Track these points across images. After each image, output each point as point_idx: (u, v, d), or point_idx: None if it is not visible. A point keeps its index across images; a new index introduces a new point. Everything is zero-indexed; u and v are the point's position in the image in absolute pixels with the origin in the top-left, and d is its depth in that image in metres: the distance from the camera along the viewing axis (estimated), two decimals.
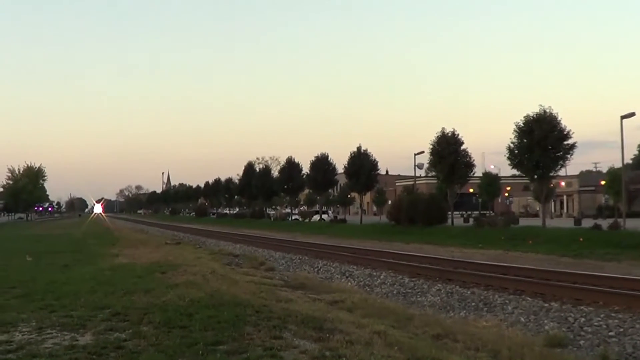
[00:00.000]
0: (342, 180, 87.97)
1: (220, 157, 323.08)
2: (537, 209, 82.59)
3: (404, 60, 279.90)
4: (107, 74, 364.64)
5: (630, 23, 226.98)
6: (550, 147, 41.71)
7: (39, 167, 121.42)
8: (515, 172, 50.41)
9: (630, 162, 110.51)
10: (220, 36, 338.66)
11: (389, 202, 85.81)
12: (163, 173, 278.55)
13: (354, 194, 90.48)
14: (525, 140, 42.63)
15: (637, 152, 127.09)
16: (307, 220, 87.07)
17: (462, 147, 53.90)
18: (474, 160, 55.20)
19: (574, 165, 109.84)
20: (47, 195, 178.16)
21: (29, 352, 8.86)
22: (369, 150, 71.92)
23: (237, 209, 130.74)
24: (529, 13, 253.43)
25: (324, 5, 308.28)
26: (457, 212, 68.74)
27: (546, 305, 16.04)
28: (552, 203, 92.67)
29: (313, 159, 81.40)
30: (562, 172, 50.28)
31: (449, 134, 53.92)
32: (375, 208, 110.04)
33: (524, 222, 53.34)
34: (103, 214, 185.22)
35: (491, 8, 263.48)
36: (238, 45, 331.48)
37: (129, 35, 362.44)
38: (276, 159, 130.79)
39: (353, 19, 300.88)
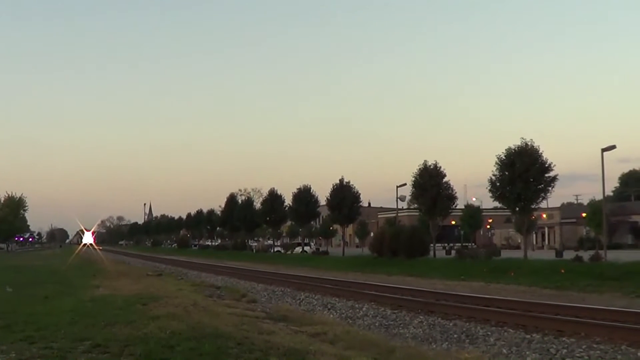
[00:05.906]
0: (324, 212, 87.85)
1: (202, 189, 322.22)
2: (519, 241, 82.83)
3: (386, 92, 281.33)
4: (89, 107, 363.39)
5: (611, 56, 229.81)
6: (531, 180, 41.95)
7: (19, 197, 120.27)
8: (497, 204, 50.65)
9: (611, 194, 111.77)
10: (198, 68, 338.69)
11: (372, 234, 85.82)
12: (145, 204, 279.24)
13: (337, 226, 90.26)
14: (506, 173, 42.87)
15: (617, 185, 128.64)
16: (289, 252, 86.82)
17: (444, 180, 54.04)
18: (456, 192, 55.41)
19: (556, 198, 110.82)
20: (28, 226, 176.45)
21: None
22: (351, 182, 71.84)
23: (219, 241, 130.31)
24: (509, 46, 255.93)
25: (305, 36, 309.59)
26: (439, 245, 68.73)
27: (528, 336, 16.05)
28: (534, 235, 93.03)
29: (295, 190, 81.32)
30: (543, 205, 50.48)
31: (431, 167, 54.08)
32: (357, 240, 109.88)
33: (505, 254, 53.38)
34: (95, 246, 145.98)
35: (471, 37, 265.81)
36: (217, 76, 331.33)
37: (109, 68, 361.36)
38: (258, 191, 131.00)
39: (336, 49, 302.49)
